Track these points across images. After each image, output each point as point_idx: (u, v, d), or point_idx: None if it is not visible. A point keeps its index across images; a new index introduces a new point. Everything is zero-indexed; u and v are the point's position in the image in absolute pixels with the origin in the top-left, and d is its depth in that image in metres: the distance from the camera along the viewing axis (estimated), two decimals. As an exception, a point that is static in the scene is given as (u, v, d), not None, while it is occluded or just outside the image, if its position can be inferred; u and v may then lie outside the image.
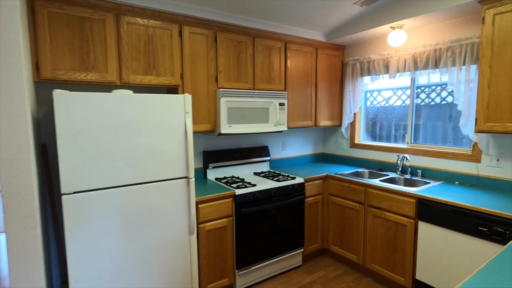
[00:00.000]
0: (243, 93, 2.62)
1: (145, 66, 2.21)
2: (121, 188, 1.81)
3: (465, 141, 2.64)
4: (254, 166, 3.15)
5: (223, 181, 2.70)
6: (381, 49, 3.07)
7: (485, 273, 1.13)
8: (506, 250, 1.32)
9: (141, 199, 1.88)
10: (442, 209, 2.10)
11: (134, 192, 1.86)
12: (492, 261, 1.23)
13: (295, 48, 3.01)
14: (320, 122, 3.32)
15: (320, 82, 3.27)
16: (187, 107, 1.99)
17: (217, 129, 2.59)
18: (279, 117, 2.87)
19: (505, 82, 1.99)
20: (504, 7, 1.97)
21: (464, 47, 2.38)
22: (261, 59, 2.80)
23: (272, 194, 2.59)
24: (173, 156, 1.97)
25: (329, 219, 3.01)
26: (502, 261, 1.22)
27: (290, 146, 3.54)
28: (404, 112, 3.06)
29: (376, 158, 3.22)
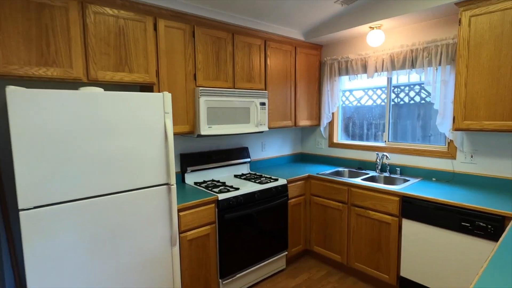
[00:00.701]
0: (223, 92, 2.48)
1: (116, 61, 1.99)
2: (92, 200, 1.60)
3: (433, 139, 2.75)
4: (234, 168, 3.02)
5: (203, 185, 2.54)
6: (359, 49, 3.09)
7: (491, 274, 1.12)
8: (501, 248, 1.34)
9: (116, 211, 1.67)
10: (425, 206, 2.13)
11: (108, 203, 1.65)
12: (493, 260, 1.23)
13: (274, 46, 2.93)
14: (300, 122, 3.28)
15: (299, 82, 3.22)
16: (167, 107, 1.82)
17: (196, 130, 2.42)
18: (260, 117, 2.77)
19: (481, 82, 2.07)
20: (479, 10, 2.04)
21: (439, 48, 2.45)
22: (241, 57, 2.68)
23: (256, 197, 2.49)
24: (152, 161, 1.78)
25: (312, 220, 2.97)
26: (502, 260, 1.23)
27: (269, 147, 3.46)
28: (380, 111, 3.11)
29: (355, 157, 3.25)
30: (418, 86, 2.85)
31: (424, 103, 2.82)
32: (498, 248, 1.34)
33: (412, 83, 2.87)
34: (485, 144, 2.34)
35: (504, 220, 1.81)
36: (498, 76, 2.00)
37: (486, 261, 1.24)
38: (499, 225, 1.81)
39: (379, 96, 3.12)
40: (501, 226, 1.81)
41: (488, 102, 2.05)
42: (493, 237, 1.83)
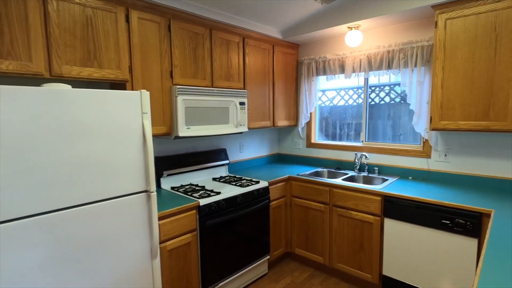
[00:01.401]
0: (201, 91, 2.34)
1: (83, 55, 1.78)
2: (60, 213, 1.39)
3: (402, 138, 2.84)
4: (213, 171, 2.89)
5: (181, 190, 2.38)
6: (336, 49, 3.10)
7: (489, 273, 1.13)
8: (490, 245, 1.37)
9: (88, 224, 1.48)
10: (407, 205, 2.17)
11: (79, 216, 1.45)
12: (486, 258, 1.25)
13: (253, 44, 2.84)
14: (278, 122, 3.22)
15: (277, 81, 3.16)
16: (145, 106, 1.65)
17: (173, 131, 2.26)
18: (240, 118, 2.66)
19: (456, 83, 2.15)
20: (454, 13, 2.11)
21: (415, 50, 2.52)
22: (219, 54, 2.56)
23: (238, 201, 2.38)
24: (129, 166, 1.60)
25: (293, 222, 2.93)
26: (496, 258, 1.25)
27: (247, 148, 3.36)
28: (356, 111, 3.15)
29: (333, 157, 3.26)
30: (388, 87, 2.93)
31: (393, 104, 2.91)
32: (487, 246, 1.37)
33: (382, 84, 2.94)
34: (457, 143, 2.45)
35: (481, 217, 1.88)
36: (472, 77, 2.08)
37: (480, 260, 1.25)
38: (477, 222, 1.88)
39: (351, 97, 3.15)
40: (479, 222, 1.88)
41: (463, 102, 2.13)
42: (472, 234, 1.90)
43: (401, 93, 2.86)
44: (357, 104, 3.15)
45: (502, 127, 1.99)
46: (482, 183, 2.34)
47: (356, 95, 3.15)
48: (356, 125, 3.17)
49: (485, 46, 2.01)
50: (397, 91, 2.87)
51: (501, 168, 2.26)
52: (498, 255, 1.27)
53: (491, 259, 1.24)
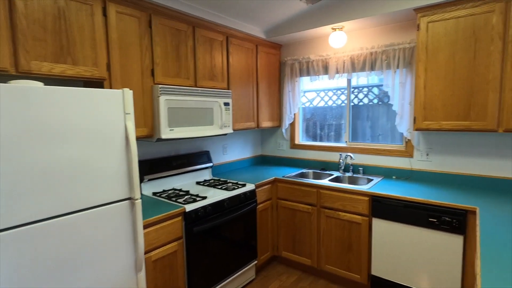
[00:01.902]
0: (185, 90, 2.23)
1: (55, 50, 1.61)
2: (33, 226, 1.23)
3: (381, 138, 2.90)
4: (196, 175, 2.77)
5: (163, 195, 2.25)
6: (320, 50, 3.10)
7: (490, 271, 1.13)
8: (483, 242, 1.39)
9: (64, 238, 1.33)
10: (394, 204, 2.19)
11: (54, 228, 1.29)
12: (483, 256, 1.26)
13: (236, 43, 2.77)
14: (262, 123, 3.16)
15: (261, 82, 3.11)
16: (128, 106, 1.52)
17: (155, 133, 2.13)
18: (225, 119, 2.57)
19: (439, 84, 2.20)
20: (436, 16, 2.17)
21: (397, 52, 2.56)
22: (203, 53, 2.46)
23: (226, 206, 2.29)
24: (111, 172, 1.47)
25: (279, 225, 2.87)
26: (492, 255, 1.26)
27: (230, 150, 3.27)
28: (340, 112, 3.17)
29: (317, 158, 3.26)
30: (366, 89, 2.98)
31: (372, 105, 2.96)
32: (480, 244, 1.38)
33: (361, 85, 2.98)
34: (438, 142, 2.52)
35: (466, 214, 1.93)
36: (453, 79, 2.14)
37: (477, 258, 1.26)
38: (462, 219, 1.93)
39: (330, 98, 3.17)
40: (464, 219, 1.93)
41: (445, 103, 2.19)
42: (458, 231, 1.95)
43: (379, 94, 2.92)
44: (338, 105, 3.17)
45: (482, 127, 2.06)
46: (463, 181, 2.42)
47: (335, 96, 3.17)
48: (338, 126, 3.19)
49: (465, 48, 2.08)
50: (375, 92, 2.93)
51: (480, 166, 2.35)
52: (493, 252, 1.29)
53: (488, 257, 1.26)
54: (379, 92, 2.91)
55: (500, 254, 1.27)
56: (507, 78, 1.95)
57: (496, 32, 1.97)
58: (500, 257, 1.24)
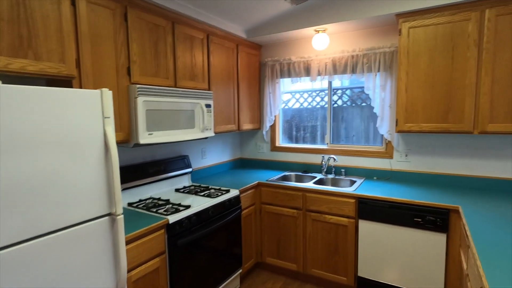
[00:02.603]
0: (164, 91, 2.06)
1: (12, 42, 1.38)
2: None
3: (355, 139, 2.95)
4: (175, 181, 2.59)
5: (141, 206, 2.06)
6: (301, 51, 3.07)
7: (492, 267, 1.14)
8: (476, 240, 1.42)
9: (33, 266, 1.12)
10: (380, 205, 2.20)
11: (20, 256, 1.08)
12: (480, 254, 1.27)
13: (217, 42, 2.64)
14: (243, 125, 3.06)
15: (241, 82, 3.00)
16: (107, 109, 1.33)
17: (132, 138, 1.93)
18: (207, 121, 2.43)
19: (419, 87, 2.26)
20: (416, 22, 2.23)
21: (378, 55, 2.61)
22: (183, 51, 2.30)
23: (210, 214, 2.15)
24: (87, 184, 1.27)
25: (263, 230, 2.79)
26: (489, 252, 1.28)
27: (209, 154, 3.12)
28: (321, 113, 3.17)
29: (298, 160, 3.22)
30: (340, 91, 3.01)
31: (345, 106, 3.00)
32: (474, 243, 1.41)
33: (341, 87, 3.01)
34: (416, 144, 2.60)
35: (449, 213, 1.99)
36: (433, 83, 2.21)
37: (476, 259, 1.27)
38: (446, 218, 1.99)
39: (306, 100, 3.17)
40: (447, 218, 1.99)
41: (425, 106, 2.25)
42: (441, 229, 2.00)
43: (352, 96, 2.96)
44: (319, 107, 3.16)
45: (459, 129, 2.15)
46: (440, 180, 2.51)
47: (318, 97, 3.17)
48: (318, 127, 3.18)
49: (444, 54, 2.16)
50: (348, 94, 2.97)
51: (456, 166, 2.46)
52: (489, 251, 1.31)
53: (486, 256, 1.27)
54: (351, 94, 2.95)
55: (497, 252, 1.29)
56: (482, 83, 2.05)
57: (472, 39, 2.06)
58: (499, 256, 1.26)
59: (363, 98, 2.94)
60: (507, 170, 2.28)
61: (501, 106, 2.01)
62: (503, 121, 2.01)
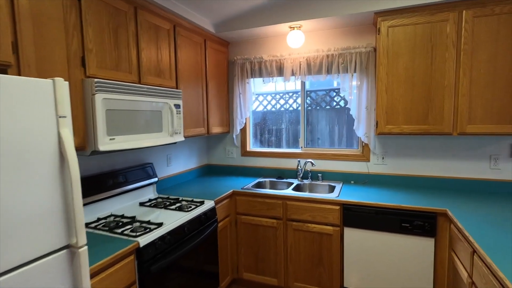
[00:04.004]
0: (127, 87, 1.73)
1: None
2: None
3: (320, 142, 2.90)
4: (138, 193, 2.23)
5: (100, 226, 1.68)
6: (274, 50, 2.91)
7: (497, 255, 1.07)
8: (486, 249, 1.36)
9: None
10: (367, 211, 2.11)
11: None
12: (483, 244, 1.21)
13: (185, 35, 2.35)
14: (213, 129, 2.79)
15: (210, 82, 2.74)
16: (63, 106, 0.99)
17: (89, 144, 1.57)
18: (176, 124, 2.13)
19: (399, 88, 2.24)
20: (395, 21, 2.20)
21: (353, 56, 2.55)
22: (147, 42, 1.97)
23: (186, 232, 1.85)
24: (37, 209, 0.92)
25: (239, 243, 2.54)
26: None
27: (175, 161, 2.79)
28: (294, 116, 3.04)
29: (272, 166, 3.05)
30: (305, 92, 2.94)
31: (310, 109, 2.94)
32: (482, 248, 1.35)
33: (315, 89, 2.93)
34: (393, 146, 2.59)
35: (437, 216, 1.97)
36: (412, 84, 2.20)
37: (491, 264, 1.20)
38: (434, 222, 1.96)
39: (278, 102, 3.04)
40: (435, 222, 1.96)
41: (406, 107, 2.23)
42: (430, 234, 1.97)
43: (316, 99, 2.90)
44: (285, 109, 3.04)
45: (439, 130, 2.16)
46: (418, 182, 2.52)
47: (283, 99, 3.04)
48: (286, 131, 3.05)
49: (423, 54, 2.16)
50: (313, 96, 2.91)
51: (432, 167, 2.49)
52: (500, 255, 1.25)
53: (499, 260, 1.21)
54: (316, 96, 2.88)
55: (505, 252, 1.24)
56: (460, 84, 2.08)
57: (450, 40, 2.08)
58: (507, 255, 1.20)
59: (327, 101, 2.88)
60: (482, 170, 2.36)
61: (479, 107, 2.05)
62: (481, 122, 2.06)
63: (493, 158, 2.33)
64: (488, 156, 2.34)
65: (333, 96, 2.88)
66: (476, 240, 1.44)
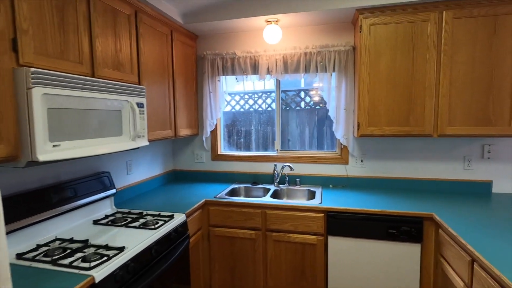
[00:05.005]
0: (76, 81, 1.39)
1: None
2: None
3: (291, 144, 2.78)
4: (91, 209, 1.86)
5: (40, 257, 1.33)
6: (248, 45, 2.70)
7: None
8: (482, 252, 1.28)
9: None
10: (352, 218, 1.99)
11: None
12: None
13: (148, 23, 2.03)
14: (181, 131, 2.49)
15: (177, 78, 2.44)
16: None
17: (24, 153, 1.21)
18: (139, 126, 1.81)
19: (381, 89, 2.16)
20: (378, 19, 2.11)
21: (332, 54, 2.43)
22: (103, 27, 1.64)
23: (153, 254, 1.55)
24: None
25: (212, 259, 2.28)
26: None
27: (137, 167, 2.44)
28: (266, 117, 2.85)
29: (245, 170, 2.82)
30: (274, 94, 2.78)
31: (267, 110, 2.80)
32: (479, 252, 1.27)
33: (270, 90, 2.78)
34: (371, 148, 2.52)
35: (423, 221, 1.90)
36: (394, 84, 2.13)
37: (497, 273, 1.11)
38: (420, 227, 1.89)
39: (246, 101, 2.85)
40: (421, 227, 1.89)
41: (387, 108, 2.16)
42: (416, 239, 1.90)
43: (286, 99, 2.76)
44: (248, 110, 2.85)
45: (420, 132, 2.12)
46: (398, 185, 2.47)
47: (251, 99, 2.85)
48: (259, 132, 2.86)
49: (405, 54, 2.09)
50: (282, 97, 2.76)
51: (410, 169, 2.45)
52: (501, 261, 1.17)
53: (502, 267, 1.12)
54: (285, 97, 2.74)
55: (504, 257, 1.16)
56: (441, 85, 2.05)
57: (431, 40, 2.04)
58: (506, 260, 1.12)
59: (297, 101, 2.75)
60: (457, 171, 2.37)
61: (459, 109, 2.03)
62: (460, 124, 2.04)
63: (467, 159, 2.35)
64: (462, 157, 2.36)
65: (304, 97, 2.75)
66: (476, 249, 1.36)
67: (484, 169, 2.33)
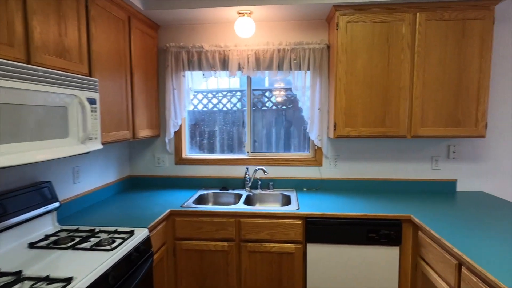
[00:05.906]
0: (7, 68, 1.08)
1: None
2: None
3: (257, 145, 2.64)
4: (27, 229, 1.51)
5: (-48, 301, 0.99)
6: (217, 39, 2.48)
7: None
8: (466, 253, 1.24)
9: None
10: (331, 223, 1.89)
11: None
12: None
13: (101, 5, 1.72)
14: (140, 131, 2.19)
15: (136, 72, 2.14)
16: None
17: None
18: (91, 126, 1.50)
19: (357, 89, 2.10)
20: (354, 17, 2.05)
21: (307, 52, 2.33)
22: (42, 6, 1.32)
23: (111, 283, 1.27)
24: None
25: (179, 276, 2.03)
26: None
27: (85, 175, 2.09)
28: (233, 117, 2.66)
29: (213, 175, 2.60)
30: (239, 93, 2.64)
31: (236, 110, 2.67)
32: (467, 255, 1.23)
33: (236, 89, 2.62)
34: (345, 149, 2.46)
35: (401, 223, 1.86)
36: (371, 84, 2.08)
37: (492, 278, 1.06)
38: (399, 229, 1.85)
39: (209, 100, 2.66)
40: (400, 229, 1.86)
41: (364, 109, 2.10)
42: (395, 242, 1.86)
43: (253, 99, 2.62)
44: (212, 110, 2.66)
45: (395, 133, 2.10)
46: (372, 186, 2.44)
47: (215, 98, 2.65)
48: (218, 133, 2.67)
49: (380, 54, 2.06)
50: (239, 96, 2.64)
51: (383, 170, 2.44)
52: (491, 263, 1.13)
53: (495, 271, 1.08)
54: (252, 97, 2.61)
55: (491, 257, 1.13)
56: (415, 86, 2.05)
57: (405, 41, 2.03)
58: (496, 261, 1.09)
59: (264, 101, 2.62)
60: (425, 171, 2.41)
61: (431, 110, 2.05)
62: (432, 124, 2.06)
63: (434, 159, 2.40)
64: (430, 158, 2.41)
65: (270, 97, 2.61)
66: (464, 253, 1.32)
67: (450, 169, 2.40)
